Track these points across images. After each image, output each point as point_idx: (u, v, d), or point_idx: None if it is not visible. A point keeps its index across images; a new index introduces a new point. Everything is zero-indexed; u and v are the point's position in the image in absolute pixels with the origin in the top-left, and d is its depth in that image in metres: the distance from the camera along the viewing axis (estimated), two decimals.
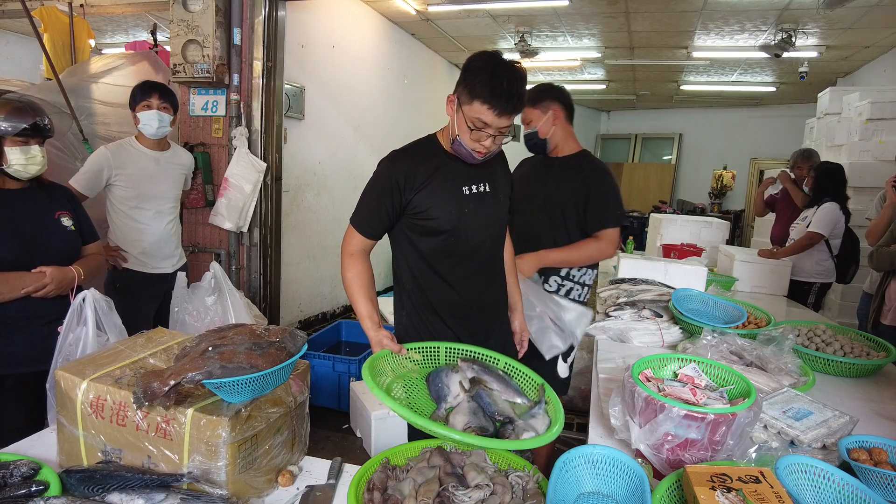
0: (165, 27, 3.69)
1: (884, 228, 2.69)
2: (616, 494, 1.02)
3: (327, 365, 3.24)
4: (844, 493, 0.93)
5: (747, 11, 4.84)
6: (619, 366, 1.74)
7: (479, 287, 1.63)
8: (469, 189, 1.55)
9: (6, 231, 1.66)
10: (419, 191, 1.51)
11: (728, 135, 9.75)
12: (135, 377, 1.13)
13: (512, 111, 1.40)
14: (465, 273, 1.60)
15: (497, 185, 1.62)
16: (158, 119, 2.46)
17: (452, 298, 1.60)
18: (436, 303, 1.60)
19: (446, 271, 1.58)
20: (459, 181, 1.55)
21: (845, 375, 1.75)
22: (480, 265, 1.62)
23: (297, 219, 4.56)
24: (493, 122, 1.40)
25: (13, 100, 1.70)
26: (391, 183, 1.50)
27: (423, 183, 1.51)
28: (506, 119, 1.40)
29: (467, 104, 1.41)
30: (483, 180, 1.58)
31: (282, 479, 1.16)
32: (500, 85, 1.36)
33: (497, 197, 1.62)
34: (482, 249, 1.61)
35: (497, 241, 1.67)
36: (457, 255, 1.58)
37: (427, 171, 1.52)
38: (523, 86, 1.42)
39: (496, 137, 1.44)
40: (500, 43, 6.42)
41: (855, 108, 4.84)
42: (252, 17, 3.30)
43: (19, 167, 1.66)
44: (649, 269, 2.54)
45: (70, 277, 1.73)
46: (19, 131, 1.63)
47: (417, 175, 1.51)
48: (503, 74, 1.38)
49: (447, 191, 1.52)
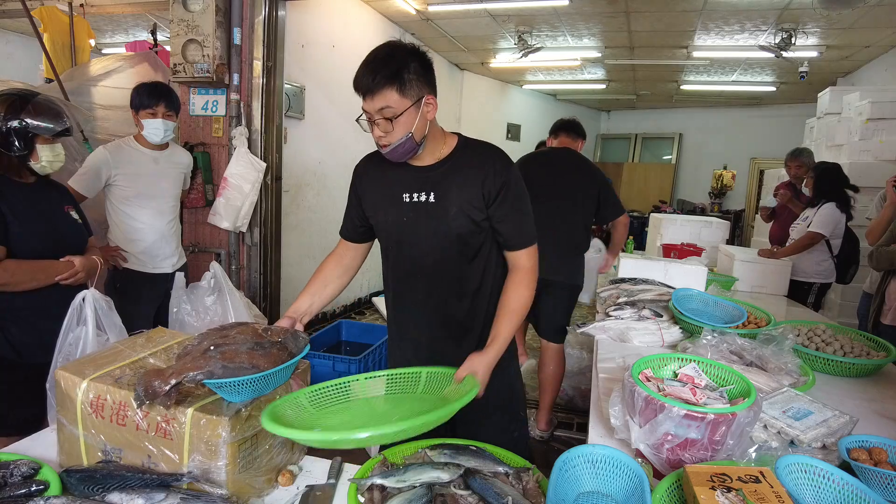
0: (165, 27, 3.69)
1: (884, 228, 2.69)
2: (616, 494, 1.02)
3: (327, 365, 3.24)
4: (844, 492, 0.93)
5: (747, 11, 4.83)
6: (619, 366, 1.74)
7: (426, 307, 1.50)
8: (410, 196, 1.43)
9: (35, 221, 1.78)
10: (366, 193, 1.50)
11: (728, 135, 9.74)
12: (135, 377, 1.13)
13: (367, 89, 1.28)
14: (410, 290, 1.51)
15: (448, 196, 1.40)
16: (164, 128, 2.47)
17: (403, 317, 1.55)
18: (392, 321, 1.59)
19: (396, 287, 1.54)
20: (400, 187, 1.44)
21: (845, 375, 1.75)
22: (426, 283, 1.48)
23: (297, 219, 4.56)
24: (368, 107, 1.31)
25: (46, 102, 1.81)
26: (353, 182, 1.53)
27: (369, 185, 1.49)
28: (370, 100, 1.29)
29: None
30: (428, 189, 1.41)
31: (282, 478, 1.16)
32: (358, 72, 1.29)
33: (445, 208, 1.40)
34: (424, 265, 1.46)
35: (445, 257, 1.45)
36: (401, 269, 1.50)
37: (376, 173, 1.48)
38: (384, 61, 1.27)
39: (378, 124, 1.32)
40: (500, 42, 6.42)
41: (855, 107, 4.84)
42: (252, 16, 3.30)
43: (46, 164, 1.79)
44: (649, 268, 2.54)
45: (95, 266, 1.88)
46: (56, 133, 1.77)
47: (366, 176, 1.50)
48: (371, 54, 1.30)
49: (388, 196, 1.45)
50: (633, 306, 2.17)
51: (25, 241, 1.73)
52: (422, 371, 1.31)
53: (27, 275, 1.72)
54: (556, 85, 8.84)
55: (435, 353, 1.48)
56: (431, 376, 1.30)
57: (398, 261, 1.50)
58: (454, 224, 1.41)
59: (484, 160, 1.42)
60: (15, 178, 1.78)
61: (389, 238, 1.50)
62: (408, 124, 1.31)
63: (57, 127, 1.77)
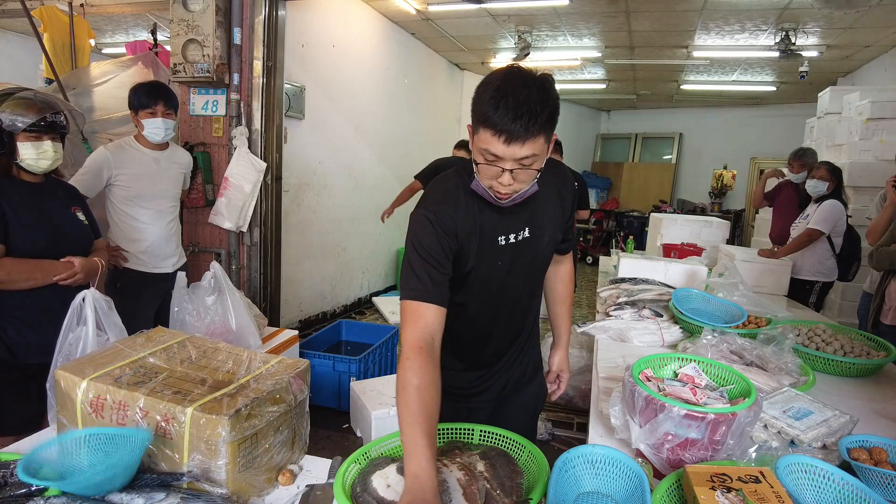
0: (165, 27, 3.69)
1: (884, 228, 2.69)
2: (616, 494, 1.02)
3: (327, 364, 3.24)
4: (844, 492, 0.93)
5: (747, 11, 4.83)
6: (619, 365, 1.74)
7: (500, 327, 1.40)
8: (506, 239, 1.24)
9: (38, 219, 1.76)
10: (461, 247, 1.21)
11: (728, 134, 9.74)
12: (135, 376, 1.13)
13: (525, 133, 1.03)
14: (484, 323, 1.36)
15: (541, 225, 1.29)
16: (164, 126, 2.47)
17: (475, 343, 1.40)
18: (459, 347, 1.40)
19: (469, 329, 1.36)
20: (495, 230, 1.23)
21: (845, 375, 1.75)
22: (507, 313, 1.38)
23: (297, 219, 4.56)
24: (503, 153, 1.05)
25: (25, 97, 1.75)
26: (442, 233, 1.17)
27: (467, 239, 1.20)
28: (516, 146, 1.04)
29: (475, 132, 1.10)
30: (523, 225, 1.26)
31: (282, 478, 1.16)
32: (504, 104, 1.02)
33: (541, 240, 1.30)
34: (507, 305, 1.35)
35: (531, 292, 1.41)
36: (475, 311, 1.34)
37: (468, 223, 1.20)
38: (542, 103, 1.04)
39: (515, 172, 1.08)
40: (500, 42, 6.43)
41: (855, 107, 4.84)
42: (252, 16, 3.30)
43: (31, 161, 1.74)
44: (649, 268, 2.54)
45: (95, 267, 1.88)
46: (28, 126, 1.70)
47: (460, 230, 1.19)
48: (509, 88, 1.03)
49: (484, 245, 1.23)
50: (633, 306, 2.17)
51: (26, 240, 1.72)
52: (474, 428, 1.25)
53: (24, 274, 1.70)
54: (556, 85, 8.77)
55: (502, 356, 1.45)
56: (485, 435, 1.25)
57: (481, 306, 1.33)
58: (548, 252, 1.36)
59: (559, 179, 1.34)
60: (20, 178, 1.77)
61: (476, 286, 1.29)
62: (533, 175, 1.12)
63: (27, 120, 1.69)
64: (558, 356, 1.60)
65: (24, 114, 1.70)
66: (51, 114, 1.76)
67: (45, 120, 1.73)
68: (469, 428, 1.26)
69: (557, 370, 1.60)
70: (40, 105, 1.75)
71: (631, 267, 2.60)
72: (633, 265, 2.60)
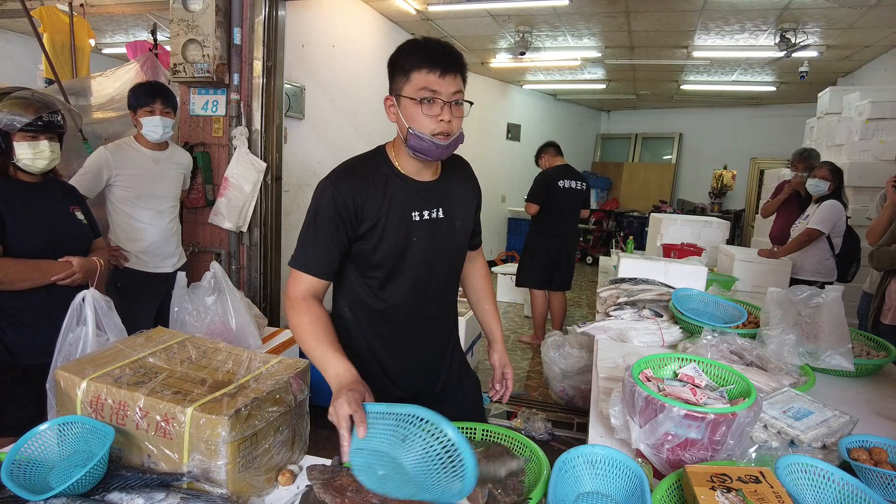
0: (165, 27, 3.69)
1: (884, 228, 2.69)
2: (616, 494, 1.02)
3: None
4: (844, 492, 0.93)
5: (747, 11, 4.83)
6: (619, 365, 1.74)
7: (423, 325, 1.43)
8: (420, 215, 1.32)
9: (35, 219, 1.75)
10: (367, 218, 1.28)
11: (728, 135, 9.74)
12: (134, 376, 1.13)
13: (453, 68, 1.22)
14: (406, 307, 1.38)
15: (453, 211, 1.39)
16: (163, 125, 2.47)
17: (395, 335, 1.41)
18: (375, 337, 1.41)
19: (386, 305, 1.37)
20: (409, 206, 1.31)
21: (845, 375, 1.75)
22: (425, 301, 1.41)
23: (298, 218, 4.55)
24: (439, 87, 1.21)
25: (22, 96, 1.74)
26: (339, 209, 1.26)
27: (374, 210, 1.28)
28: (451, 80, 1.22)
29: (406, 84, 1.23)
30: (437, 205, 1.35)
31: (282, 478, 1.16)
32: (431, 47, 1.23)
33: (454, 222, 1.39)
34: (428, 283, 1.39)
35: (448, 274, 1.44)
36: (399, 289, 1.36)
37: (378, 194, 1.28)
38: (454, 48, 1.26)
39: (452, 107, 1.23)
40: (499, 42, 6.42)
41: (855, 107, 4.84)
42: (252, 16, 3.30)
43: (27, 161, 1.74)
44: (649, 268, 2.54)
45: (94, 268, 1.86)
46: (24, 126, 1.69)
47: (368, 200, 1.27)
48: (427, 40, 1.26)
49: (395, 218, 1.30)
50: (633, 306, 2.17)
51: (24, 239, 1.71)
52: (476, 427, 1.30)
53: (22, 274, 1.69)
54: (556, 85, 8.84)
55: (424, 357, 1.47)
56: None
57: (387, 277, 1.35)
58: (462, 239, 1.45)
59: (466, 170, 1.49)
60: (17, 178, 1.76)
61: (384, 259, 1.33)
62: (461, 119, 1.27)
63: (23, 119, 1.68)
64: (497, 353, 1.57)
65: (20, 113, 1.69)
66: (48, 113, 1.74)
67: (41, 119, 1.72)
68: (471, 427, 1.29)
69: (501, 367, 1.55)
70: (37, 104, 1.74)
71: (631, 267, 2.59)
72: (632, 265, 2.60)
